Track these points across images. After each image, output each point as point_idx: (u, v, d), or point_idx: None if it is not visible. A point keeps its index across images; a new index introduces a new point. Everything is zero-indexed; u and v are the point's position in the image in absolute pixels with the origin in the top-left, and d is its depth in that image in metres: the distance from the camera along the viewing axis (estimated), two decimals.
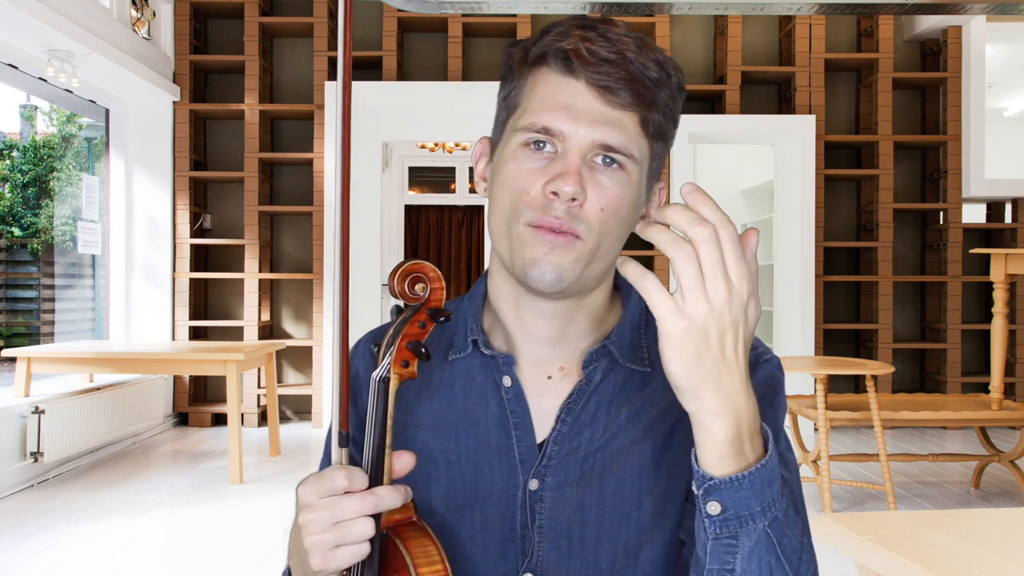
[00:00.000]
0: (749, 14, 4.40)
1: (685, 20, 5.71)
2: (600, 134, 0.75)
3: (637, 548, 0.80)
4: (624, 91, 0.75)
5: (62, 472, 4.12)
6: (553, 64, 0.77)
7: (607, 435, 0.81)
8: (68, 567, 2.80)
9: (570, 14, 5.67)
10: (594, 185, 0.75)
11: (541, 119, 0.76)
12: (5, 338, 4.95)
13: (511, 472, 0.82)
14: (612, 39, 0.75)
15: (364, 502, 0.67)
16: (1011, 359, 5.50)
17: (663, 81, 0.77)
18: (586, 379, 0.83)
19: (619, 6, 3.07)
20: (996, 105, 7.66)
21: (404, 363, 0.72)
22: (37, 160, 5.18)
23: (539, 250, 0.76)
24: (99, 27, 4.41)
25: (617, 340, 0.84)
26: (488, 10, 3.14)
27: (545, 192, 0.75)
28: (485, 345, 0.84)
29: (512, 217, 0.77)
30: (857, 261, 5.76)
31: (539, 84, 0.78)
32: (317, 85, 5.35)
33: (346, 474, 0.68)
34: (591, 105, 0.75)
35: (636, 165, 0.77)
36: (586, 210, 0.75)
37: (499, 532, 0.81)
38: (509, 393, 0.83)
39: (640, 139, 0.77)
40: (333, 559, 0.67)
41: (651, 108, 0.77)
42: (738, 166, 8.21)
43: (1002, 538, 0.99)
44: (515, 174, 0.77)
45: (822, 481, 3.28)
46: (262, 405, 5.38)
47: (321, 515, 0.67)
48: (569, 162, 0.75)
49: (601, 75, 0.75)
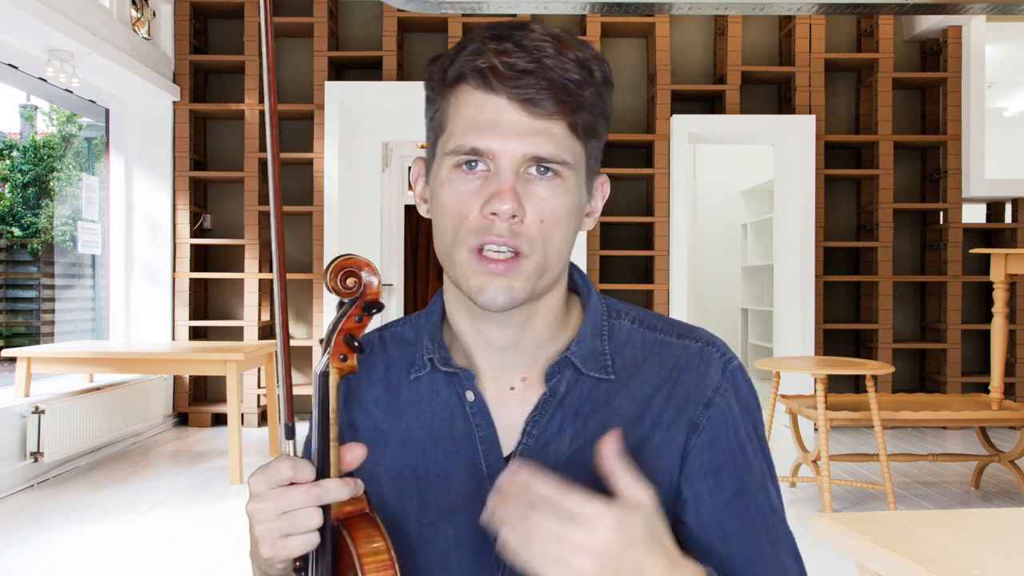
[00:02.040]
0: (749, 14, 4.39)
1: (685, 20, 5.71)
2: (530, 147, 0.74)
3: None
4: (547, 100, 0.74)
5: (62, 472, 4.12)
6: (472, 83, 0.76)
7: (573, 447, 0.81)
8: (68, 567, 2.80)
9: (569, 14, 5.65)
10: (531, 198, 0.75)
11: (468, 141, 0.75)
12: (5, 338, 4.95)
13: (480, 484, 0.82)
14: (528, 47, 0.74)
15: (309, 493, 0.69)
16: (1011, 359, 5.50)
17: (586, 81, 0.76)
18: (551, 391, 0.82)
19: (619, 6, 3.07)
20: (996, 105, 7.67)
21: (342, 357, 0.73)
22: (37, 160, 5.18)
23: (484, 277, 0.76)
24: (99, 27, 4.41)
25: (578, 350, 0.83)
26: (488, 10, 3.14)
27: (484, 214, 0.75)
28: (443, 362, 0.84)
29: (454, 243, 0.77)
30: (857, 261, 5.76)
31: (462, 104, 0.77)
32: (317, 85, 5.35)
33: (291, 464, 0.70)
34: (516, 119, 0.74)
35: (571, 170, 0.77)
36: (527, 225, 0.75)
37: (472, 544, 0.82)
38: (473, 407, 0.83)
39: (572, 143, 0.77)
40: (283, 547, 0.69)
41: (577, 111, 0.76)
42: (738, 166, 8.22)
43: (1002, 538, 0.99)
44: (452, 199, 0.77)
45: (822, 481, 3.28)
46: (262, 405, 5.38)
47: (268, 505, 0.69)
48: (503, 180, 0.75)
49: (521, 88, 0.74)
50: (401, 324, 0.92)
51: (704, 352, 0.84)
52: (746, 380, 0.85)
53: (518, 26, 0.77)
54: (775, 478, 0.84)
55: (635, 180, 5.68)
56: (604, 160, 0.86)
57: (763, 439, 0.85)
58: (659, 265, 5.37)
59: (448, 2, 3.06)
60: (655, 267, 5.39)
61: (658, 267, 5.37)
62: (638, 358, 0.84)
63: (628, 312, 0.88)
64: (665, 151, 5.38)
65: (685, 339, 0.85)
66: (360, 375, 0.88)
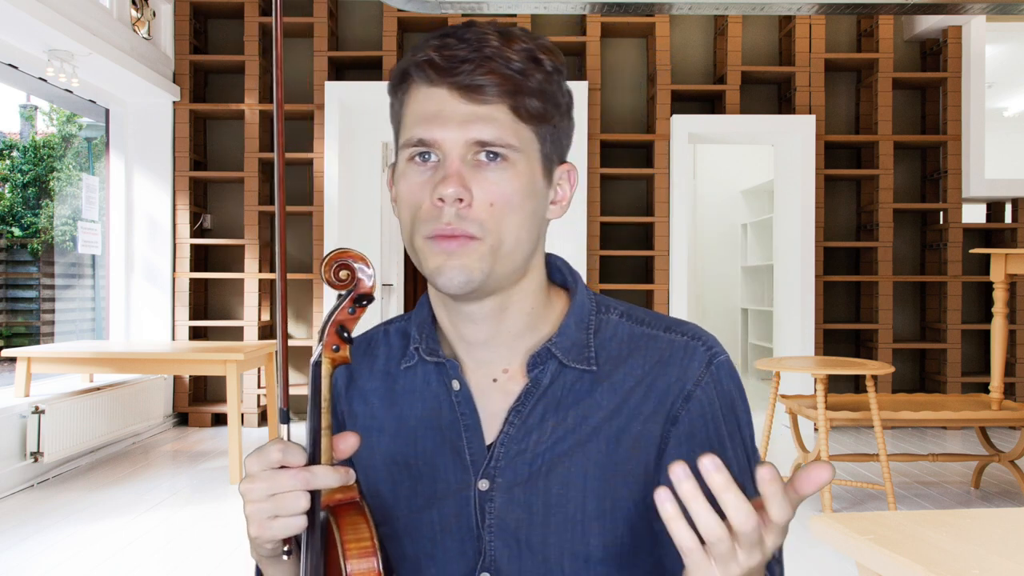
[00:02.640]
0: (749, 14, 4.40)
1: (685, 20, 5.71)
2: (472, 132, 0.77)
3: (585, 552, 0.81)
4: (487, 85, 0.76)
5: (62, 472, 4.12)
6: (416, 78, 0.80)
7: (554, 437, 0.82)
8: (68, 567, 2.80)
9: (569, 14, 5.66)
10: (479, 183, 0.77)
11: (416, 133, 0.78)
12: (5, 338, 4.95)
13: (464, 472, 0.84)
14: (468, 39, 0.77)
15: (297, 477, 0.70)
16: (1011, 359, 5.50)
17: (529, 67, 0.78)
18: (533, 382, 0.83)
19: (619, 6, 3.07)
20: (996, 105, 7.67)
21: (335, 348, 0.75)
22: (37, 160, 5.18)
23: (439, 258, 0.78)
24: (99, 27, 4.41)
25: (560, 341, 0.84)
26: (488, 10, 3.14)
27: (433, 201, 0.77)
28: (428, 353, 0.86)
29: (412, 232, 0.80)
30: (857, 261, 5.76)
31: (410, 101, 0.81)
32: (317, 85, 5.35)
33: (282, 447, 0.71)
34: (457, 107, 0.77)
35: (519, 154, 0.78)
36: (475, 209, 0.77)
37: (456, 532, 0.84)
38: (458, 396, 0.85)
39: (517, 126, 0.78)
40: (269, 528, 0.71)
41: (518, 93, 0.77)
42: (738, 166, 8.22)
43: (1002, 538, 0.99)
44: (408, 191, 0.80)
45: None
46: (262, 405, 5.38)
47: (259, 486, 0.70)
48: (448, 165, 0.77)
49: (460, 76, 0.76)
50: (404, 319, 0.95)
51: (689, 346, 0.84)
52: (731, 376, 0.84)
53: (465, 24, 0.80)
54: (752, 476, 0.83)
55: (635, 180, 5.68)
56: (604, 160, 0.86)
57: (747, 437, 0.84)
58: (659, 265, 5.37)
59: (448, 2, 3.06)
60: (655, 267, 5.39)
61: (658, 267, 5.37)
62: (623, 351, 0.85)
63: (617, 307, 0.89)
64: (665, 151, 5.38)
65: (672, 332, 0.85)
66: (363, 366, 0.92)
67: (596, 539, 0.81)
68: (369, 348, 0.93)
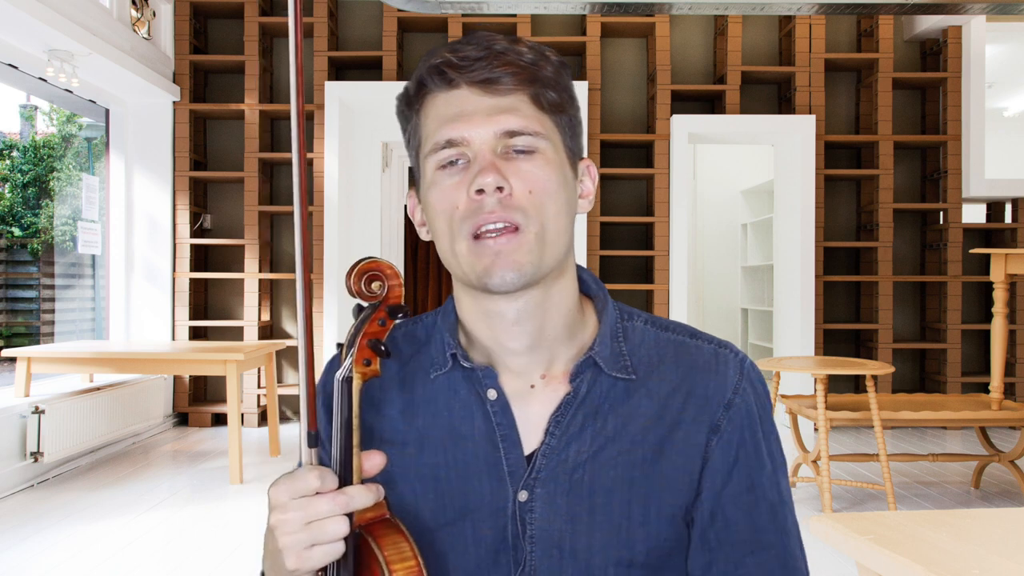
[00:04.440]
0: (749, 14, 4.38)
1: (685, 20, 5.71)
2: (499, 124, 0.77)
3: (629, 557, 0.81)
4: (504, 76, 0.77)
5: (62, 472, 4.12)
6: (432, 85, 0.79)
7: (595, 446, 0.82)
8: (68, 567, 2.80)
9: (569, 14, 5.65)
10: (514, 172, 0.77)
11: (442, 135, 0.78)
12: (5, 338, 4.95)
13: (500, 484, 0.82)
14: (478, 41, 0.78)
15: (336, 501, 0.68)
16: (1011, 359, 5.50)
17: (540, 59, 0.79)
18: (574, 391, 0.83)
19: (619, 6, 3.07)
20: (996, 105, 7.66)
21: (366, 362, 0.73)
22: (37, 160, 5.18)
23: (487, 259, 0.77)
24: (99, 27, 4.41)
25: (601, 350, 0.84)
26: (488, 10, 3.14)
27: (471, 196, 0.76)
28: (465, 359, 0.84)
29: (452, 237, 0.78)
30: (857, 261, 5.76)
31: (429, 108, 0.80)
32: (317, 85, 5.35)
33: (318, 475, 0.69)
34: (480, 103, 0.77)
35: (547, 141, 0.79)
36: (516, 197, 0.76)
37: (491, 543, 0.82)
38: (495, 406, 0.83)
39: (539, 115, 0.79)
40: (308, 558, 0.68)
41: (535, 83, 0.78)
42: (738, 166, 8.21)
43: (1002, 538, 0.99)
44: (441, 196, 0.79)
45: (822, 481, 3.28)
46: (262, 405, 5.38)
47: (293, 516, 0.68)
48: (482, 158, 0.77)
49: (477, 71, 0.77)
50: (412, 323, 0.92)
51: (719, 353, 0.86)
52: (760, 378, 0.87)
53: (468, 34, 0.81)
54: (786, 471, 0.87)
55: (635, 180, 5.68)
56: (604, 160, 0.87)
57: (776, 433, 0.87)
58: (659, 265, 5.37)
59: (448, 2, 3.07)
60: (655, 267, 5.38)
61: (658, 267, 5.37)
62: (654, 357, 0.86)
63: (640, 314, 0.90)
64: (665, 151, 5.38)
65: (698, 339, 0.87)
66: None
67: (641, 544, 0.81)
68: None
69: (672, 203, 5.36)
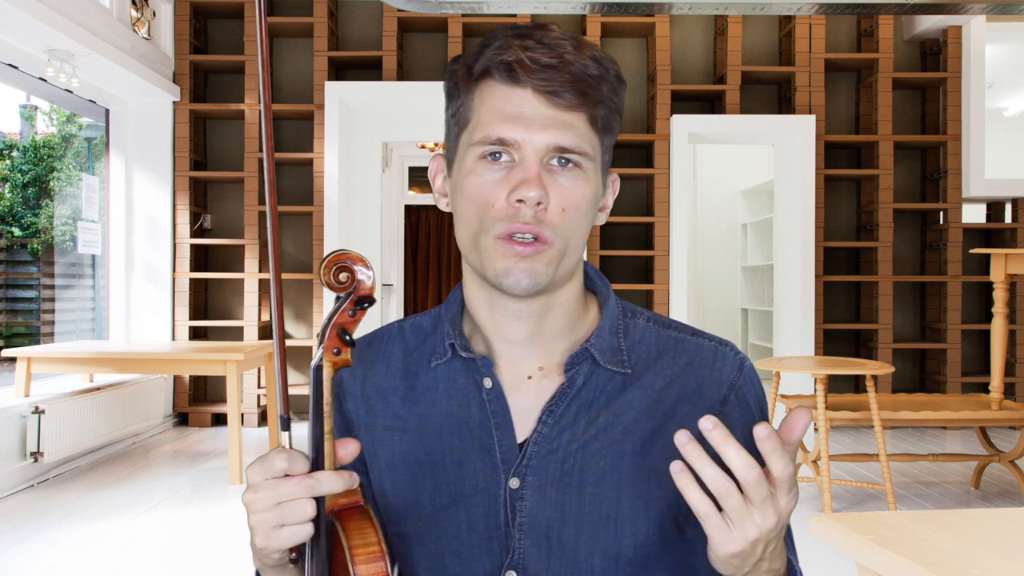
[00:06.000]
0: (749, 14, 4.38)
1: (685, 20, 5.71)
2: (553, 137, 0.77)
3: (616, 551, 0.82)
4: (569, 93, 0.77)
5: (62, 472, 4.12)
6: (498, 76, 0.79)
7: (587, 436, 0.83)
8: (68, 567, 2.80)
9: (569, 14, 5.66)
10: (554, 187, 0.78)
11: (495, 131, 0.78)
12: (5, 338, 4.95)
13: (493, 470, 0.84)
14: (550, 44, 0.78)
15: (303, 484, 0.70)
16: (1011, 359, 5.50)
17: (603, 76, 0.79)
18: (568, 382, 0.84)
19: (619, 6, 3.07)
20: (996, 105, 7.66)
21: (335, 351, 0.74)
22: (37, 160, 5.18)
23: (508, 260, 0.78)
24: (99, 27, 4.41)
25: (597, 343, 0.85)
26: (488, 10, 3.14)
27: (510, 201, 0.77)
28: (463, 348, 0.86)
29: (480, 231, 0.80)
30: (857, 261, 5.76)
31: (487, 97, 0.80)
32: (317, 85, 5.35)
33: (286, 456, 0.71)
34: (540, 111, 0.78)
35: (591, 162, 0.80)
36: (550, 213, 0.78)
37: (484, 530, 0.84)
38: (490, 394, 0.85)
39: (591, 136, 0.80)
40: (275, 537, 0.70)
41: (597, 105, 0.79)
42: (738, 166, 8.21)
43: (1002, 538, 0.99)
44: (478, 188, 0.79)
45: (822, 481, 3.28)
46: (262, 405, 5.38)
47: (263, 495, 0.70)
48: (529, 168, 0.77)
49: (545, 80, 0.77)
50: (421, 315, 0.95)
51: (719, 351, 0.87)
52: (757, 379, 0.88)
53: (539, 27, 0.81)
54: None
55: (635, 180, 5.68)
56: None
57: None
58: (659, 265, 5.37)
59: (448, 2, 3.07)
60: (655, 267, 5.39)
61: (658, 267, 5.37)
62: (652, 354, 0.87)
63: (643, 313, 0.91)
64: (665, 151, 5.38)
65: (699, 337, 0.88)
66: (378, 364, 0.91)
67: (628, 539, 0.82)
68: (383, 346, 0.92)
69: (672, 203, 5.36)
